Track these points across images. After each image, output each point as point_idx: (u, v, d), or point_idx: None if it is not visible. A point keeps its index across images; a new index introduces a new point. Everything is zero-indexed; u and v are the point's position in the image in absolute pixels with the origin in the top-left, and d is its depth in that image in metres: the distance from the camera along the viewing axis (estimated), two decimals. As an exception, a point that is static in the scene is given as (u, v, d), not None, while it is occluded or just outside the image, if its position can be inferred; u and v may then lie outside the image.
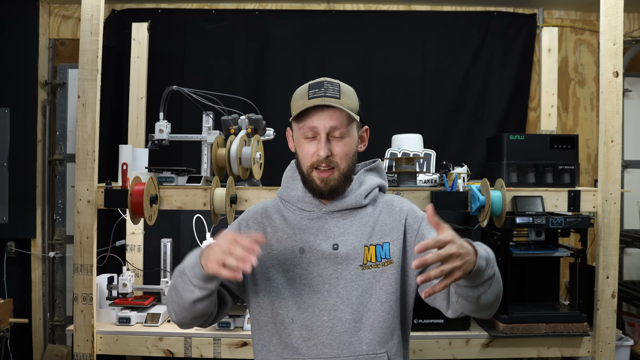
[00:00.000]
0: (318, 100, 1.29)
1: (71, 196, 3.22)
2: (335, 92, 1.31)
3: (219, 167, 2.38)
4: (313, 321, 1.28)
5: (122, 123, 3.08)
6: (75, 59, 2.77)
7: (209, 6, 3.27)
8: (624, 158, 3.35)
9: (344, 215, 1.36)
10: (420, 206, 2.35)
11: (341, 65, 3.21)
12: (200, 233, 2.79)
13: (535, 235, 2.45)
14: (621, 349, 2.69)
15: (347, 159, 1.33)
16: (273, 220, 1.39)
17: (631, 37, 3.29)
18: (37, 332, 3.15)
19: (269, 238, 1.36)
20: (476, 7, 3.29)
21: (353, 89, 1.39)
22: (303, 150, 1.33)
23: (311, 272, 1.31)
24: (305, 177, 1.34)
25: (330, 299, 1.29)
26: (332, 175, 1.31)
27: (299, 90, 1.37)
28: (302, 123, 1.31)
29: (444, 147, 3.13)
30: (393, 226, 1.37)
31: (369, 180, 1.42)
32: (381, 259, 1.32)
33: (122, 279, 2.52)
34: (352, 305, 1.28)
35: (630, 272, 3.37)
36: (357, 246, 1.33)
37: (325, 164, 1.30)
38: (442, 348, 2.40)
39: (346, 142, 1.32)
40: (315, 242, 1.33)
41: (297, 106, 1.33)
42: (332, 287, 1.29)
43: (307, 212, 1.37)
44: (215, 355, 2.36)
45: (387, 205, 1.41)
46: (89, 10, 2.27)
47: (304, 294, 1.30)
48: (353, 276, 1.30)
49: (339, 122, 1.30)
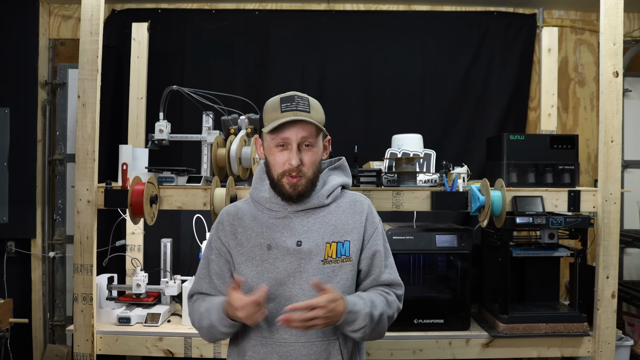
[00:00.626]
0: (291, 114, 1.41)
1: (71, 196, 3.22)
2: (305, 106, 1.44)
3: (219, 167, 2.38)
4: (279, 310, 1.40)
5: (122, 123, 3.08)
6: (75, 59, 2.78)
7: (209, 6, 3.27)
8: (624, 158, 3.35)
9: (307, 214, 1.49)
10: (421, 207, 2.38)
11: (341, 65, 3.21)
12: (200, 233, 2.79)
13: (548, 238, 2.45)
14: (621, 349, 2.69)
15: (314, 167, 1.46)
16: (243, 221, 1.52)
17: (631, 37, 3.30)
18: (37, 332, 3.15)
19: (239, 237, 1.50)
20: (476, 7, 3.29)
21: (319, 102, 1.50)
22: (275, 159, 1.45)
23: (277, 267, 1.45)
24: (275, 182, 1.46)
25: (293, 290, 1.43)
26: (300, 181, 1.44)
27: (270, 103, 1.47)
28: (275, 134, 1.42)
29: (444, 147, 3.13)
30: (354, 226, 1.50)
31: (332, 180, 1.54)
32: (341, 255, 1.47)
33: (136, 279, 2.52)
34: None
35: (630, 272, 3.37)
36: (319, 243, 1.46)
37: (296, 172, 1.43)
38: (442, 348, 2.40)
39: (314, 152, 1.45)
40: (281, 239, 1.46)
41: (270, 118, 1.44)
42: (295, 279, 1.44)
43: (274, 211, 1.49)
44: (215, 355, 2.36)
45: (350, 205, 1.53)
46: (89, 10, 2.27)
47: (271, 286, 1.43)
48: (315, 270, 1.44)
49: (309, 133, 1.43)
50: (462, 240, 2.44)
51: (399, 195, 2.37)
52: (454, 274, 2.47)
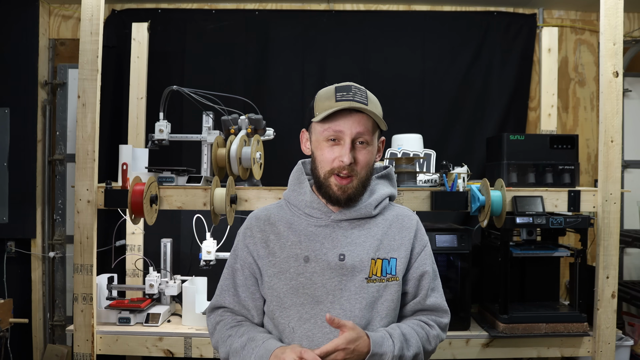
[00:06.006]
0: (347, 103, 1.24)
1: (71, 196, 3.22)
2: (363, 97, 1.27)
3: (219, 167, 2.38)
4: (315, 332, 1.26)
5: (122, 123, 3.08)
6: (75, 59, 2.77)
7: (209, 6, 3.27)
8: (624, 158, 3.35)
9: (352, 225, 1.32)
10: (421, 207, 2.38)
11: (341, 65, 3.21)
12: (200, 233, 2.79)
13: (526, 235, 2.46)
14: (621, 349, 2.69)
15: (367, 168, 1.30)
16: (276, 227, 1.34)
17: (631, 37, 3.29)
18: (37, 332, 3.15)
19: (272, 246, 1.33)
20: (476, 7, 3.29)
21: None
22: (324, 154, 1.28)
23: (315, 282, 1.28)
24: (321, 182, 1.30)
25: (333, 311, 1.26)
26: (350, 183, 1.27)
27: (324, 92, 1.31)
28: (327, 125, 1.26)
29: (444, 147, 3.13)
30: (401, 243, 1.34)
31: (380, 190, 1.38)
32: (386, 274, 1.30)
33: (149, 280, 2.52)
34: (355, 318, 1.25)
35: (630, 272, 3.37)
36: (364, 258, 1.29)
37: (347, 171, 1.26)
38: (442, 348, 2.40)
39: (369, 151, 1.29)
40: (321, 251, 1.29)
41: (323, 107, 1.27)
42: (335, 298, 1.27)
43: (315, 218, 1.33)
44: (215, 355, 2.36)
45: (398, 220, 1.37)
46: (89, 10, 2.27)
47: (306, 304, 1.27)
48: (357, 289, 1.27)
49: (365, 128, 1.26)
50: (462, 240, 2.44)
51: (399, 195, 2.37)
52: (453, 274, 2.47)
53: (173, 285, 2.59)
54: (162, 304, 2.62)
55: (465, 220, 3.09)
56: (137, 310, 2.47)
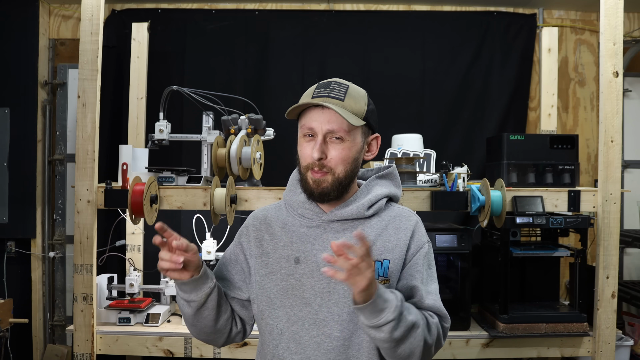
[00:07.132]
0: (315, 100, 1.23)
1: (71, 196, 3.22)
2: (340, 93, 1.24)
3: (219, 167, 2.38)
4: (302, 334, 1.24)
5: (122, 123, 3.08)
6: (75, 59, 2.77)
7: (209, 6, 3.27)
8: (624, 158, 3.35)
9: (344, 226, 1.28)
10: (421, 207, 2.38)
11: (341, 66, 3.21)
12: (200, 233, 2.79)
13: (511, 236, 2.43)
14: (621, 349, 2.69)
15: (345, 164, 1.24)
16: (271, 227, 1.33)
17: (631, 37, 3.29)
18: (37, 332, 3.15)
19: (265, 246, 1.32)
20: (476, 7, 3.29)
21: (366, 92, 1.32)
22: (302, 150, 1.27)
23: (304, 284, 1.25)
24: (301, 177, 1.29)
25: (320, 314, 1.23)
26: (324, 177, 1.24)
27: (309, 89, 1.31)
28: (303, 122, 1.27)
29: (444, 147, 3.13)
30: (397, 244, 1.28)
31: (376, 190, 1.33)
32: (378, 277, 1.24)
33: (129, 279, 2.52)
34: (343, 322, 1.22)
35: (630, 272, 3.37)
36: None
37: (318, 167, 1.24)
38: (442, 348, 2.39)
39: (345, 147, 1.24)
40: (311, 252, 1.26)
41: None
42: (323, 301, 1.24)
43: (307, 219, 1.30)
44: (215, 355, 2.36)
45: (395, 220, 1.32)
46: (89, 10, 2.27)
47: (295, 306, 1.25)
48: (346, 292, 1.22)
49: (338, 125, 1.22)
50: (462, 240, 2.44)
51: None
52: (453, 273, 2.47)
53: (173, 285, 2.59)
54: (162, 304, 2.62)
55: (466, 220, 3.09)
56: (137, 310, 2.47)
